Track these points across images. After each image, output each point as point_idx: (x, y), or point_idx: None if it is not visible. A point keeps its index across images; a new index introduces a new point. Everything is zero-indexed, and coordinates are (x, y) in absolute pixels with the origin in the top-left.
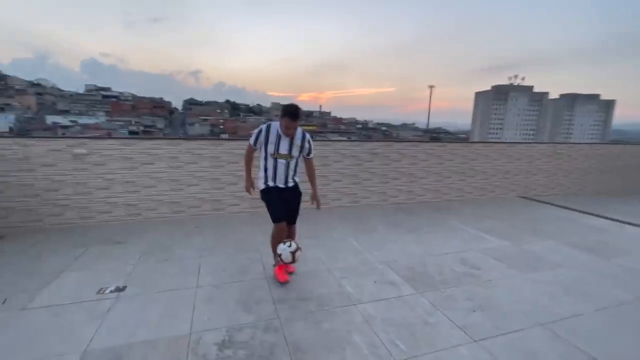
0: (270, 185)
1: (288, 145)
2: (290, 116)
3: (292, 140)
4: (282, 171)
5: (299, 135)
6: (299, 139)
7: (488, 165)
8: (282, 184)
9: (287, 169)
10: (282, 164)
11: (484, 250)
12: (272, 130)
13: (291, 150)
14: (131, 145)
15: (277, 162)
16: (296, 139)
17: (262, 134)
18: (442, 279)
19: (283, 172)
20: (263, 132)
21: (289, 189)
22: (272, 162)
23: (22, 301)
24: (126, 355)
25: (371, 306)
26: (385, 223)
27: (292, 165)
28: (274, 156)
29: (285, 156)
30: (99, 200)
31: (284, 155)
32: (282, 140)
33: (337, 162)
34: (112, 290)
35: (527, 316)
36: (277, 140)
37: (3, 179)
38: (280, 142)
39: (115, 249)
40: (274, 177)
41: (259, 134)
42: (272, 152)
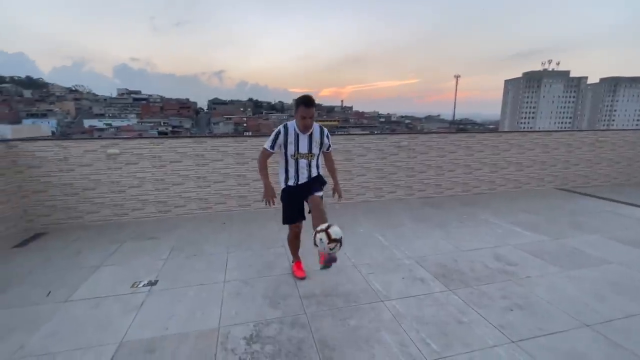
0: (290, 185)
1: (307, 144)
2: (305, 104)
3: (311, 137)
4: (305, 170)
5: (317, 131)
6: (317, 134)
7: (522, 156)
8: (305, 179)
9: (310, 168)
10: (303, 164)
11: (519, 245)
12: (290, 130)
13: (311, 148)
14: (160, 145)
15: (299, 163)
16: (315, 135)
17: (281, 135)
18: (474, 275)
19: (306, 171)
20: (282, 134)
21: (312, 178)
22: (294, 164)
23: (65, 294)
24: (159, 347)
25: (400, 303)
26: (412, 218)
27: (313, 163)
28: (294, 157)
29: (307, 155)
30: (131, 198)
31: (305, 154)
32: (301, 138)
33: (361, 156)
34: (145, 284)
35: (571, 316)
36: (296, 139)
37: (46, 179)
38: (300, 141)
39: (147, 245)
40: (296, 177)
41: (278, 135)
42: (293, 153)
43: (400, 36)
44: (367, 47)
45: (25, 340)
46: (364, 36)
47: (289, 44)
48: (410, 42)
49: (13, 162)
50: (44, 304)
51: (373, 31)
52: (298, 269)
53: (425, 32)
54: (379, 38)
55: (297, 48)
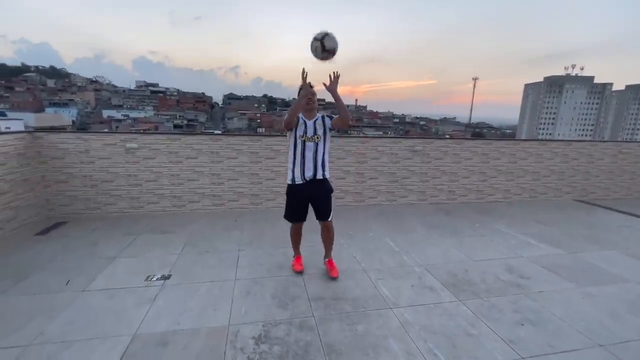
0: (297, 181)
1: (313, 128)
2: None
3: (315, 123)
4: (311, 157)
5: (319, 118)
6: (320, 120)
7: (540, 165)
8: (311, 174)
9: (316, 155)
10: (310, 149)
11: (533, 258)
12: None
13: (316, 130)
14: (176, 141)
15: (305, 146)
16: (318, 120)
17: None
18: (485, 287)
19: (312, 158)
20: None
21: (317, 182)
22: (301, 147)
23: (82, 283)
24: (171, 341)
25: (408, 311)
26: (424, 224)
27: (320, 149)
28: (302, 138)
29: (313, 138)
30: (147, 192)
31: (312, 137)
32: (308, 125)
33: (374, 159)
34: (159, 278)
35: (584, 335)
36: (304, 125)
37: (68, 170)
38: (307, 126)
39: (162, 239)
40: (302, 164)
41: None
42: (302, 134)
43: (418, 36)
44: (384, 46)
45: (45, 327)
46: (381, 35)
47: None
48: (428, 43)
49: (38, 152)
50: (63, 292)
51: (390, 30)
52: (297, 263)
53: (443, 32)
54: (396, 37)
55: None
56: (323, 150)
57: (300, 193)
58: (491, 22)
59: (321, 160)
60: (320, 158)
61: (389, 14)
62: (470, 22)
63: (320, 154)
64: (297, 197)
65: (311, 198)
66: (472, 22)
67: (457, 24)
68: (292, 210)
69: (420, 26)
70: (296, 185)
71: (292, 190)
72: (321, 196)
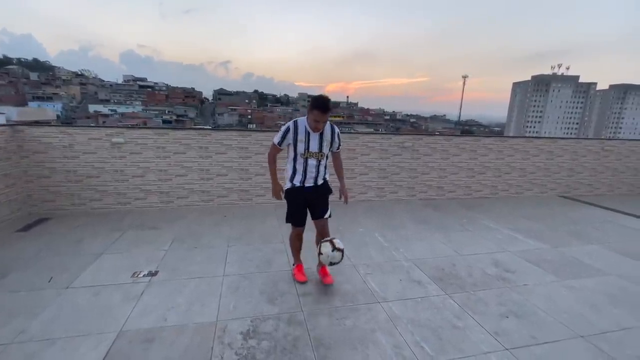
0: (296, 185)
1: (318, 143)
2: (321, 109)
3: (322, 136)
4: (313, 170)
5: (327, 130)
6: (328, 133)
7: (526, 162)
8: (311, 183)
9: (318, 168)
10: (312, 163)
11: (518, 252)
12: (300, 128)
13: (322, 148)
14: (164, 135)
15: (308, 162)
16: (326, 134)
17: (291, 132)
18: (472, 281)
19: (314, 171)
20: (291, 131)
21: (318, 187)
22: (303, 163)
23: (66, 280)
24: (158, 337)
25: (396, 305)
26: (413, 219)
27: (323, 163)
28: (304, 156)
29: (317, 154)
30: (134, 187)
31: (315, 153)
32: (312, 137)
33: (364, 155)
34: (146, 274)
35: (566, 327)
36: (307, 137)
37: (50, 165)
38: (310, 139)
39: (149, 235)
40: (303, 176)
41: (287, 132)
42: (303, 152)
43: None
44: (376, 43)
45: (26, 325)
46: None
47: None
48: (420, 40)
49: (19, 146)
50: (46, 289)
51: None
52: (299, 273)
53: (435, 30)
54: (388, 34)
55: (305, 42)
56: (325, 163)
57: (301, 196)
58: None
59: (324, 169)
60: (322, 168)
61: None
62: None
63: (323, 167)
64: (297, 200)
65: (311, 200)
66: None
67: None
68: (294, 213)
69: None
70: (296, 188)
71: (291, 193)
72: (321, 199)
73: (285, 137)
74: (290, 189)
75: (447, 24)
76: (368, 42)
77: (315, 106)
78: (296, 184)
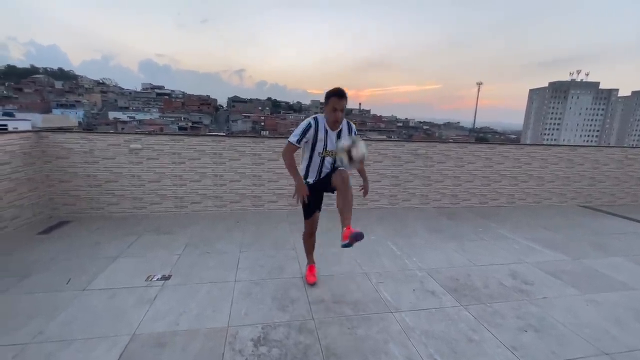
0: (310, 182)
1: (336, 141)
2: (337, 95)
3: (340, 134)
4: (328, 167)
5: (345, 128)
6: (345, 131)
7: (545, 170)
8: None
9: (333, 164)
10: (329, 161)
11: (537, 263)
12: (320, 127)
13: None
14: (180, 142)
15: (324, 161)
16: (343, 131)
17: (312, 129)
18: (488, 292)
19: (329, 168)
20: (312, 128)
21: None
22: (319, 162)
23: (83, 282)
24: (170, 342)
25: (409, 316)
26: (427, 228)
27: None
28: (322, 155)
29: (333, 153)
30: (150, 192)
31: (332, 152)
32: (329, 135)
33: (377, 162)
34: (159, 278)
35: (589, 342)
36: (325, 136)
37: (72, 170)
38: (328, 138)
39: (163, 239)
40: (318, 175)
41: (308, 129)
42: (321, 151)
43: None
44: (388, 51)
45: (44, 326)
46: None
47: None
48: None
49: (43, 152)
50: (64, 291)
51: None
52: (310, 274)
53: (447, 37)
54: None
55: (317, 50)
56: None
57: (317, 187)
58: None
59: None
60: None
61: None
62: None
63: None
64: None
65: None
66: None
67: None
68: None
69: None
70: (311, 185)
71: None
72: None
73: (306, 133)
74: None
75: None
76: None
77: (332, 94)
78: (309, 181)
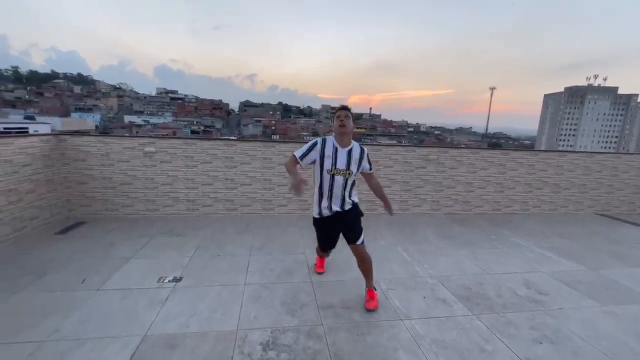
0: (324, 214)
1: (346, 160)
2: (340, 109)
3: (350, 154)
4: (340, 190)
5: (356, 150)
6: (357, 153)
7: (560, 177)
8: (338, 207)
9: (345, 188)
10: (339, 182)
11: (552, 273)
12: (328, 144)
13: (349, 165)
14: (192, 145)
15: (334, 180)
16: (354, 152)
17: (318, 146)
18: (501, 301)
19: (340, 192)
20: (318, 145)
21: (345, 212)
22: (329, 180)
23: (97, 282)
24: (180, 343)
25: (420, 323)
26: (438, 234)
27: (349, 182)
28: (331, 172)
29: (344, 172)
30: (163, 195)
31: (342, 171)
32: (340, 153)
33: (388, 167)
34: (171, 280)
35: (607, 356)
36: (334, 153)
37: (89, 172)
38: (338, 155)
39: (175, 241)
40: (329, 197)
41: (313, 146)
42: (330, 168)
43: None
44: (399, 55)
45: (60, 324)
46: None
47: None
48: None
49: (62, 154)
50: (79, 290)
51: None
52: (319, 264)
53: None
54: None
55: (328, 54)
56: (352, 182)
57: (329, 224)
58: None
59: (349, 189)
60: (349, 188)
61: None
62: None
63: (349, 188)
64: (324, 229)
65: (340, 227)
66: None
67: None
68: (322, 241)
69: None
70: (323, 218)
71: (317, 222)
72: (350, 224)
73: (311, 151)
74: (318, 218)
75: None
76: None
77: (337, 110)
78: (323, 211)
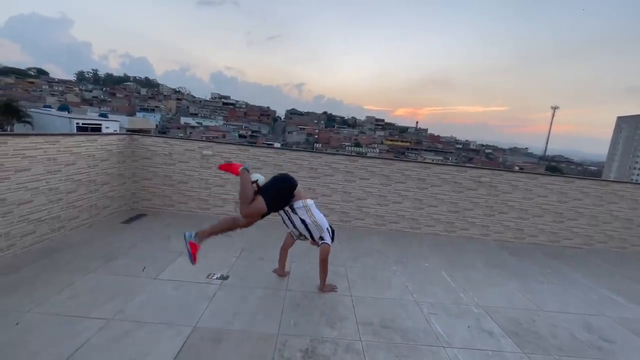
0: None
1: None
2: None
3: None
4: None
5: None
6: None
7: (634, 212)
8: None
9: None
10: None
11: (620, 319)
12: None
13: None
14: (245, 152)
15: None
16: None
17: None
18: (556, 343)
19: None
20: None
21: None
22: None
23: (155, 272)
24: (225, 339)
25: (462, 353)
26: (486, 261)
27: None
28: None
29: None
30: (215, 195)
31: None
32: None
33: (435, 186)
34: (218, 277)
35: None
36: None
37: (153, 169)
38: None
39: (223, 241)
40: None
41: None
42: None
43: (489, 60)
44: (452, 68)
45: (124, 305)
46: (448, 57)
47: (368, 61)
48: (500, 67)
49: (132, 152)
50: (140, 277)
51: (458, 53)
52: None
53: (519, 56)
54: (465, 60)
55: (376, 66)
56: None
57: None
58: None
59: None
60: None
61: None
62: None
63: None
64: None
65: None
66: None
67: (536, 47)
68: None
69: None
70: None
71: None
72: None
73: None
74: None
75: (533, 50)
76: (442, 68)
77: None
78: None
